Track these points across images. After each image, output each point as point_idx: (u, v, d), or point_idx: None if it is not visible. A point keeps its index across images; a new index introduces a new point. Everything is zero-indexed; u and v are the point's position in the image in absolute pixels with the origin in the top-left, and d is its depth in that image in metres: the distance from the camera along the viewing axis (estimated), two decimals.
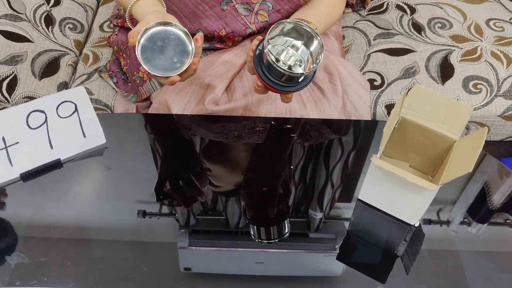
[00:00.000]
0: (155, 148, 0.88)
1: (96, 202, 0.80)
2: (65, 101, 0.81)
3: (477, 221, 0.80)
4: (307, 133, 0.91)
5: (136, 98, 1.04)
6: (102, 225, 0.76)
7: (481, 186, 0.85)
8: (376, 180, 0.75)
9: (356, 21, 1.25)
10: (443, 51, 1.14)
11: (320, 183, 0.84)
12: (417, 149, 0.81)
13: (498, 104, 1.08)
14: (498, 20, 1.23)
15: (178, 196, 0.81)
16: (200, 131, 0.90)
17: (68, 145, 0.82)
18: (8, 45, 1.11)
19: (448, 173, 0.69)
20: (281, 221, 0.78)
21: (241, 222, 0.77)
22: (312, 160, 0.87)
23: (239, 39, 0.96)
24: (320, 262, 0.73)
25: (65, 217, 0.76)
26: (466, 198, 0.83)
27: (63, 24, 1.21)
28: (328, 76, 0.99)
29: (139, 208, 0.77)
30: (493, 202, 0.83)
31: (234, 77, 0.95)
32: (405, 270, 0.72)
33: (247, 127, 0.89)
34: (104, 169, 0.84)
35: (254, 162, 0.87)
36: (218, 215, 0.78)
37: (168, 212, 0.78)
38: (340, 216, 0.80)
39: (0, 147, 0.78)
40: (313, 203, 0.81)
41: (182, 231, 0.75)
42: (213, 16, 0.92)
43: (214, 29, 0.93)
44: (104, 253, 0.72)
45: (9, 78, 1.06)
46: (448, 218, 0.80)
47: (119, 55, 1.07)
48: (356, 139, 0.91)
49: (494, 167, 0.88)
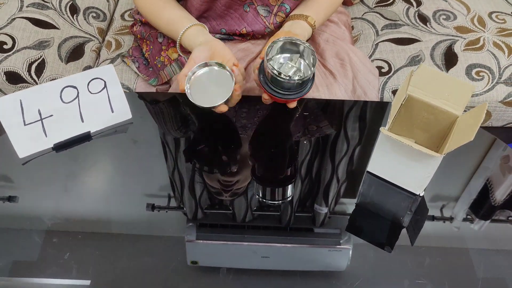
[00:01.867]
0: (169, 131, 0.94)
1: (105, 195, 0.83)
2: (95, 78, 0.87)
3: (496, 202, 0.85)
4: (319, 115, 0.96)
5: (157, 81, 1.10)
6: (111, 218, 0.79)
7: (492, 172, 0.89)
8: (384, 152, 0.81)
9: (364, 13, 1.31)
10: (448, 41, 1.20)
11: (326, 178, 0.86)
12: (423, 125, 0.86)
13: (500, 91, 1.13)
14: (500, 13, 1.29)
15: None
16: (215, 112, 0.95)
17: (97, 119, 0.89)
18: (36, 31, 1.18)
19: (451, 144, 0.75)
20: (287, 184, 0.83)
21: (248, 216, 0.79)
22: (318, 155, 0.90)
23: (258, 37, 1.03)
24: (325, 257, 0.75)
25: (75, 206, 0.79)
26: (477, 183, 0.87)
27: (87, 12, 1.27)
28: (339, 62, 1.05)
29: (148, 201, 0.80)
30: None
31: (251, 61, 1.02)
32: (410, 241, 0.77)
33: (259, 112, 0.95)
34: (124, 149, 0.90)
35: (265, 135, 0.93)
36: (225, 209, 0.80)
37: (176, 205, 0.81)
38: (345, 211, 0.82)
39: (36, 119, 0.84)
40: (318, 197, 0.83)
41: (190, 225, 0.77)
42: (236, 17, 1.00)
43: (236, 28, 1.01)
44: (112, 245, 0.74)
45: (38, 61, 1.13)
46: (463, 199, 0.84)
47: (142, 42, 1.14)
48: (362, 130, 0.95)
49: (504, 151, 0.93)
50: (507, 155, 0.92)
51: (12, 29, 1.16)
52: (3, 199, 0.79)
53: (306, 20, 0.96)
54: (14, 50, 1.13)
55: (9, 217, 0.78)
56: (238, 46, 1.02)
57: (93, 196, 0.82)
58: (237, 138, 0.92)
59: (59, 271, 0.69)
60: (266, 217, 0.79)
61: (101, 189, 0.84)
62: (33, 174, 0.84)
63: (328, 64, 1.03)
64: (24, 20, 1.19)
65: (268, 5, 1.00)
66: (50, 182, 0.83)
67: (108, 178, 0.86)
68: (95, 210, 0.79)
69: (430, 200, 0.83)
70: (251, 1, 0.98)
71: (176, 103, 0.99)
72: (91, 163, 0.86)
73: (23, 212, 0.78)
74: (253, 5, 0.99)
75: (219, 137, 0.93)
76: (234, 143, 0.91)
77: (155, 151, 0.89)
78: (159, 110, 0.98)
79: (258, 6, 1.00)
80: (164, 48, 1.06)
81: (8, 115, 0.82)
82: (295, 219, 0.79)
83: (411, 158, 0.78)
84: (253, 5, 0.99)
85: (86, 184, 0.84)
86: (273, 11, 1.01)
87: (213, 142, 0.92)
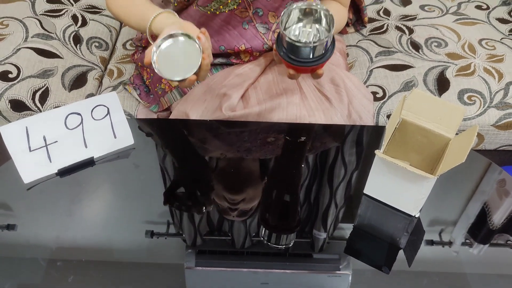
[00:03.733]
0: (169, 157, 0.97)
1: (105, 222, 0.83)
2: (99, 105, 0.90)
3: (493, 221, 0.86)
4: (316, 139, 0.99)
5: (158, 108, 1.13)
6: (110, 245, 0.79)
7: (488, 196, 0.90)
8: (379, 175, 0.83)
9: (359, 41, 1.36)
10: (439, 67, 1.24)
11: (324, 203, 0.87)
12: (417, 148, 0.89)
13: (491, 115, 1.16)
14: (490, 40, 1.34)
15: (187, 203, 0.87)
16: (216, 138, 0.98)
17: (100, 144, 0.91)
18: (41, 60, 1.21)
19: (444, 165, 0.77)
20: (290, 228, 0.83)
21: (247, 242, 0.80)
22: (316, 180, 0.91)
23: (256, 54, 1.06)
24: (324, 282, 0.75)
25: (75, 233, 0.80)
26: (474, 206, 0.88)
27: (90, 42, 1.31)
28: (334, 88, 1.08)
29: (147, 228, 0.80)
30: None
31: (249, 87, 1.05)
32: (407, 263, 0.78)
33: (259, 136, 0.97)
34: (124, 174, 0.91)
35: (267, 169, 0.95)
36: (224, 235, 0.81)
37: (175, 232, 0.81)
38: (343, 237, 0.82)
39: (41, 145, 0.87)
40: (317, 223, 0.84)
41: (189, 251, 0.78)
42: (235, 34, 1.03)
43: (235, 44, 1.03)
44: (112, 273, 0.74)
45: (42, 89, 1.16)
46: (459, 221, 0.85)
47: (143, 70, 1.17)
48: (359, 154, 0.97)
49: (499, 174, 0.94)
50: (503, 179, 0.95)
51: (18, 59, 1.20)
52: (2, 227, 0.81)
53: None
54: (19, 79, 1.17)
55: (10, 245, 0.79)
56: (236, 71, 1.05)
57: (93, 223, 0.83)
58: (235, 164, 0.94)
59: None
60: (265, 243, 0.80)
61: (101, 216, 0.85)
62: (35, 201, 0.85)
63: (324, 90, 1.06)
64: (29, 50, 1.22)
65: (267, 22, 1.03)
66: (51, 209, 0.84)
67: (108, 205, 0.87)
68: (94, 237, 0.80)
69: (428, 224, 0.84)
70: (250, 19, 1.01)
71: (177, 128, 1.02)
72: (92, 190, 0.88)
73: (23, 240, 0.79)
74: (252, 22, 1.02)
75: (217, 164, 0.95)
76: (233, 169, 0.93)
77: (155, 176, 0.91)
78: (161, 136, 1.01)
79: (257, 24, 1.03)
80: None
81: (14, 141, 0.84)
82: (294, 245, 0.80)
83: (406, 180, 0.80)
84: (252, 23, 1.02)
85: (86, 211, 0.85)
86: (271, 28, 1.04)
87: (212, 168, 0.94)
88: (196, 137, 0.99)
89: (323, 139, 1.00)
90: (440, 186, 0.78)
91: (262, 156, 0.95)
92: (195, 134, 1.01)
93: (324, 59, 0.85)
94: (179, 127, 1.02)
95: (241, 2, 0.99)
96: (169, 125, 1.03)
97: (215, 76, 1.06)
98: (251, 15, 1.02)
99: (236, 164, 0.93)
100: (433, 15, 1.42)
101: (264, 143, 0.96)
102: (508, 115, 1.16)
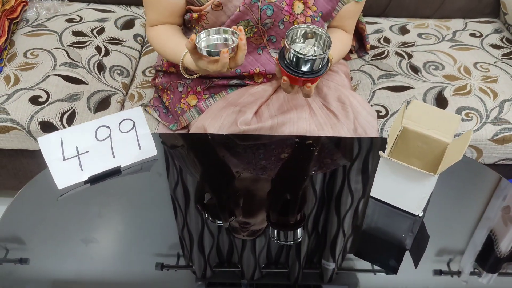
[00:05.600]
0: (188, 170, 1.04)
1: (113, 254, 0.84)
2: (125, 119, 0.99)
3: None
4: (329, 152, 1.06)
5: (177, 126, 1.22)
6: (120, 278, 0.80)
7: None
8: (384, 177, 0.90)
9: (361, 65, 1.46)
10: (438, 87, 1.33)
11: (332, 232, 0.88)
12: (418, 154, 0.96)
13: (488, 130, 1.24)
14: (484, 63, 1.43)
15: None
16: (231, 153, 1.05)
17: (126, 155, 0.99)
18: (68, 86, 1.31)
19: (443, 165, 0.85)
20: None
21: (256, 274, 0.81)
22: (323, 209, 0.93)
23: (269, 76, 1.16)
24: None
25: (83, 266, 0.82)
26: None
27: (112, 70, 1.42)
28: (341, 105, 1.17)
29: (158, 260, 0.82)
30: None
31: (262, 105, 1.14)
32: (413, 264, 0.82)
33: (273, 151, 1.05)
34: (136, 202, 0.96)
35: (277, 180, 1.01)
36: (233, 267, 0.82)
37: (186, 264, 0.82)
38: (352, 267, 0.83)
39: (73, 155, 0.95)
40: (325, 253, 0.85)
41: (199, 284, 0.79)
42: (250, 59, 1.14)
43: (250, 68, 1.14)
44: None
45: (69, 112, 1.26)
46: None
47: (163, 93, 1.27)
48: (366, 179, 1.00)
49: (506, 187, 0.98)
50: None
51: (47, 85, 1.30)
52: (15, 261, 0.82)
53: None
54: (48, 103, 1.26)
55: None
56: (250, 91, 1.14)
57: (100, 255, 0.85)
58: (249, 184, 0.99)
59: None
60: (274, 274, 0.81)
61: (111, 249, 0.87)
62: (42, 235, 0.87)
63: (331, 107, 1.15)
64: (57, 77, 1.33)
65: (279, 48, 1.13)
66: (65, 239, 0.86)
67: (118, 238, 0.88)
68: (103, 269, 0.82)
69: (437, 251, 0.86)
70: (264, 45, 1.12)
71: (196, 141, 1.10)
72: (96, 217, 0.91)
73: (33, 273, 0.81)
74: (266, 48, 1.13)
75: (231, 182, 0.99)
76: (247, 190, 0.97)
77: (166, 205, 0.95)
78: (181, 148, 1.09)
79: (271, 49, 1.13)
80: (184, 96, 1.19)
81: (50, 151, 0.93)
82: (303, 276, 0.81)
83: (408, 180, 0.87)
84: (266, 49, 1.13)
85: (93, 243, 0.86)
86: None
87: (227, 186, 0.99)
88: (213, 150, 1.07)
89: (335, 154, 1.07)
90: (450, 204, 0.85)
91: (276, 173, 1.01)
92: (213, 147, 1.09)
93: (318, 74, 0.96)
94: (198, 141, 1.10)
95: (256, 31, 1.10)
96: (189, 139, 1.12)
97: (231, 95, 1.15)
98: (265, 42, 1.13)
99: (250, 185, 0.99)
100: (430, 42, 1.53)
101: (278, 159, 1.03)
102: (504, 129, 1.24)
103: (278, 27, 1.10)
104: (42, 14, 1.58)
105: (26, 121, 1.23)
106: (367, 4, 1.58)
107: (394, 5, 1.64)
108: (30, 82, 1.31)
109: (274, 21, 1.08)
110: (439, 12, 1.66)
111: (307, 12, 1.10)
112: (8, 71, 1.33)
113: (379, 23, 1.64)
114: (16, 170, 1.41)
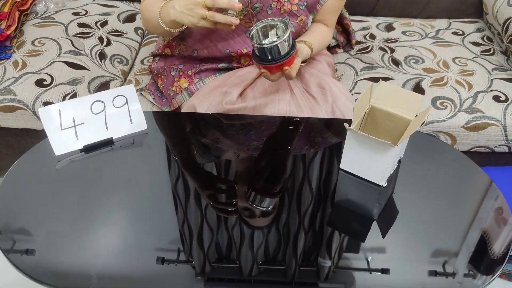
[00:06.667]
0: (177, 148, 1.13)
1: (114, 248, 0.86)
2: (119, 95, 1.08)
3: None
4: (306, 133, 1.15)
5: (169, 108, 1.31)
6: (120, 273, 0.83)
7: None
8: (351, 149, 0.99)
9: (346, 58, 1.55)
10: (416, 79, 1.42)
11: (329, 230, 0.91)
12: (385, 132, 1.05)
13: (461, 118, 1.32)
14: (462, 58, 1.51)
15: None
16: (217, 130, 1.14)
17: (119, 128, 1.09)
18: (71, 71, 1.42)
19: (403, 137, 0.93)
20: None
21: (254, 270, 0.83)
22: (320, 206, 0.97)
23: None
24: None
25: (83, 260, 0.83)
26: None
27: (113, 58, 1.52)
28: (321, 90, 1.25)
29: (158, 255, 0.84)
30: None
31: (247, 87, 1.23)
32: (381, 234, 0.89)
33: (256, 129, 1.13)
34: (140, 154, 1.08)
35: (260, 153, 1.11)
36: (232, 263, 0.84)
37: (186, 259, 0.85)
38: (349, 266, 0.84)
39: (70, 125, 1.05)
40: (322, 250, 0.86)
41: (198, 279, 0.81)
42: (239, 40, 1.23)
43: (238, 48, 1.23)
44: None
45: (71, 94, 1.36)
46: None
47: (158, 77, 1.37)
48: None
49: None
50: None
51: (52, 70, 1.41)
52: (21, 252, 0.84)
53: (305, 43, 1.19)
54: (52, 85, 1.37)
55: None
56: (237, 73, 1.24)
57: (102, 249, 0.87)
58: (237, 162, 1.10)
59: None
60: (272, 271, 0.84)
61: (112, 242, 0.89)
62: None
63: (311, 91, 1.24)
64: (62, 63, 1.43)
65: None
66: (68, 233, 0.89)
67: (117, 232, 0.91)
68: (104, 264, 0.84)
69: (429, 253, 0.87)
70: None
71: (182, 120, 1.19)
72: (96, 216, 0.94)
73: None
74: None
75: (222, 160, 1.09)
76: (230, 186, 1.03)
77: (156, 177, 1.03)
78: (171, 125, 1.18)
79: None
80: (176, 79, 1.29)
81: (50, 121, 1.02)
82: (300, 273, 0.83)
83: (372, 151, 0.95)
84: None
85: (94, 235, 0.89)
86: None
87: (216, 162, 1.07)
88: (197, 126, 1.16)
89: (314, 133, 1.16)
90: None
91: (256, 147, 1.11)
92: (201, 125, 1.18)
93: (288, 56, 1.06)
94: (184, 118, 1.20)
95: (246, 14, 1.20)
96: (176, 116, 1.21)
97: (219, 78, 1.25)
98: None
99: (231, 156, 1.09)
100: (413, 39, 1.62)
101: (260, 136, 1.12)
102: (476, 118, 1.32)
103: (266, 12, 1.19)
104: (51, 8, 1.69)
105: (31, 101, 1.34)
106: (356, 3, 1.68)
107: (382, 4, 1.73)
108: (36, 67, 1.41)
109: (263, 5, 1.18)
110: (425, 12, 1.75)
111: (293, 0, 1.19)
112: (16, 57, 1.44)
113: (367, 21, 1.73)
114: (21, 149, 1.51)
